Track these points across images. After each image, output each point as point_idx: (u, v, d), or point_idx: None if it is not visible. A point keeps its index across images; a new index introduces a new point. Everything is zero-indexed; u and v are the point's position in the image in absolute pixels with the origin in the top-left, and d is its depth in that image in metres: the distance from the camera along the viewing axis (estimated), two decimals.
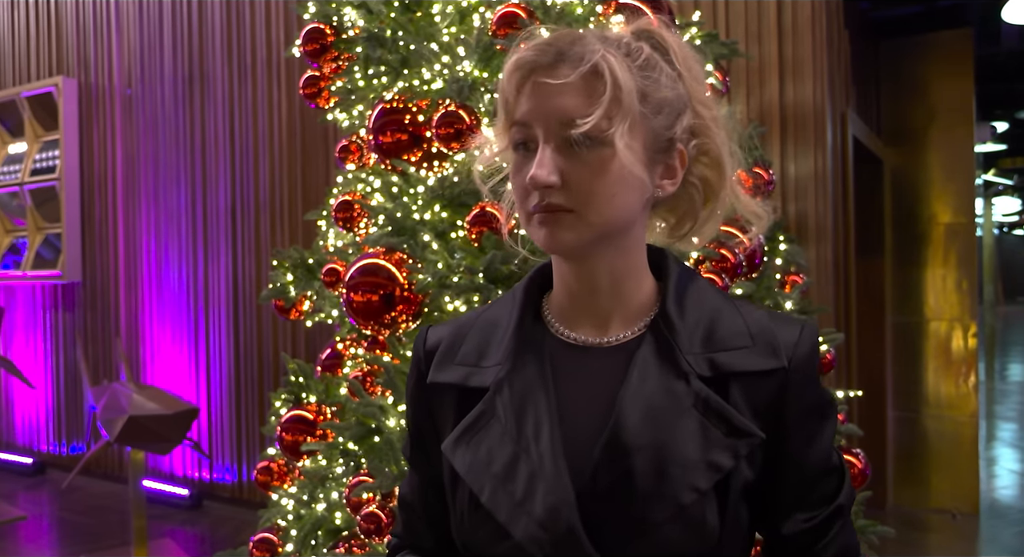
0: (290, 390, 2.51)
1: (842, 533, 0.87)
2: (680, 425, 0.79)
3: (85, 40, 5.72)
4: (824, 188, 3.48)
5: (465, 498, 0.84)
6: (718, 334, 0.83)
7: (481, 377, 0.87)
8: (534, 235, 0.82)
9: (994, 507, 4.79)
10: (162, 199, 5.26)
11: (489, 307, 0.94)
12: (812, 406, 0.85)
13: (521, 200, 0.82)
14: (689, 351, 0.82)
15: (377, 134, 2.23)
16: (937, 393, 4.80)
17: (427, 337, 0.95)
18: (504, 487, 0.81)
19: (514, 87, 0.81)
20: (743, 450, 0.79)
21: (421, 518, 0.97)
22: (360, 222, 2.42)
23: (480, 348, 0.89)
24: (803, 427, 0.84)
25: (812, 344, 0.85)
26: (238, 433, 4.91)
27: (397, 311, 2.05)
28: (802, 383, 0.83)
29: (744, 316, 0.85)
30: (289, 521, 2.35)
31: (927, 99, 4.75)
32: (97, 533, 4.48)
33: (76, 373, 5.69)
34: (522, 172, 0.81)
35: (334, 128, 4.02)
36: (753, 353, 0.82)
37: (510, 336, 0.87)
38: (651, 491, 0.78)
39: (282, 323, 4.71)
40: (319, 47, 2.51)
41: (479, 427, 0.85)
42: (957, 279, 4.76)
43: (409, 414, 0.97)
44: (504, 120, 0.83)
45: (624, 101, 0.77)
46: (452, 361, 0.90)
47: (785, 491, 0.84)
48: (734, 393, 0.81)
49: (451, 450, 0.86)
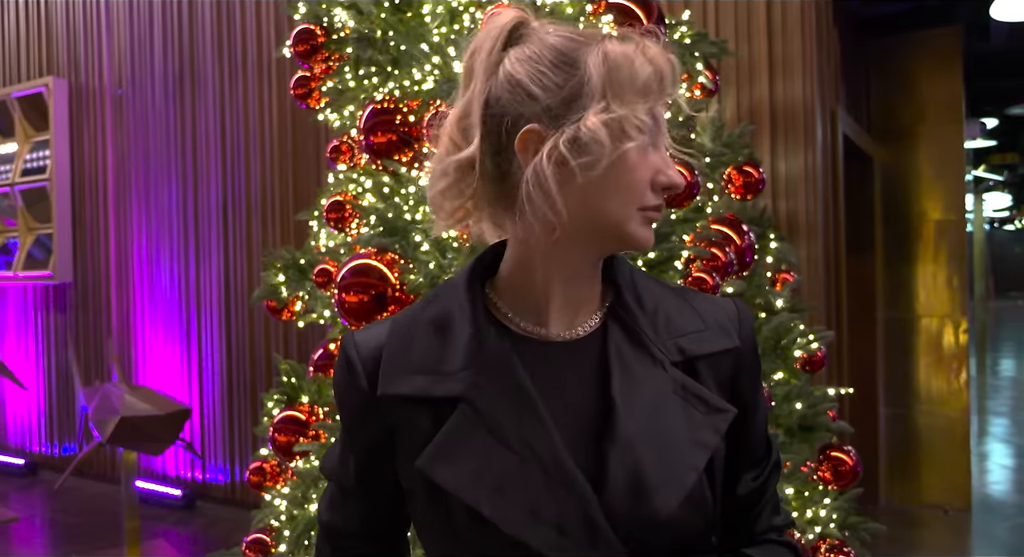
0: (283, 391, 2.51)
1: (775, 488, 0.94)
2: (668, 412, 0.81)
3: (75, 40, 5.70)
4: (814, 186, 3.49)
5: (459, 516, 0.78)
6: (675, 320, 0.86)
7: (447, 385, 0.80)
8: (638, 233, 0.81)
9: (986, 502, 4.81)
10: (153, 199, 5.25)
11: (426, 305, 0.87)
12: (758, 376, 0.92)
13: (638, 195, 0.80)
14: (656, 338, 0.84)
15: (368, 134, 2.23)
16: (928, 389, 4.82)
17: (357, 343, 0.87)
18: (509, 498, 0.77)
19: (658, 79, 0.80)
20: (722, 426, 0.83)
21: (363, 544, 0.92)
22: (351, 222, 2.42)
23: (435, 352, 0.82)
24: (754, 396, 0.90)
25: (750, 320, 0.91)
26: (230, 433, 4.91)
27: (389, 311, 2.05)
28: (751, 356, 0.90)
29: (689, 300, 0.89)
30: (282, 522, 2.36)
31: (917, 96, 4.77)
32: (90, 534, 4.47)
33: (68, 374, 5.67)
34: (646, 164, 0.80)
35: (325, 128, 4.01)
36: (709, 335, 0.86)
37: (468, 337, 0.82)
38: (660, 479, 0.78)
39: (274, 323, 4.70)
40: (310, 48, 2.51)
41: (461, 439, 0.79)
42: (948, 275, 4.79)
43: (353, 434, 0.88)
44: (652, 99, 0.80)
45: None
46: (405, 370, 0.82)
47: (741, 456, 0.89)
48: (703, 373, 0.85)
49: (429, 467, 0.79)
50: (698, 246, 2.20)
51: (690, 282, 2.12)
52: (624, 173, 0.79)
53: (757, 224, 2.77)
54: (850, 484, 2.48)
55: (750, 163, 2.70)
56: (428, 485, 0.80)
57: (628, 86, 0.78)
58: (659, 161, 0.81)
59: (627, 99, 0.78)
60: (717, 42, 2.62)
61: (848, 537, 2.44)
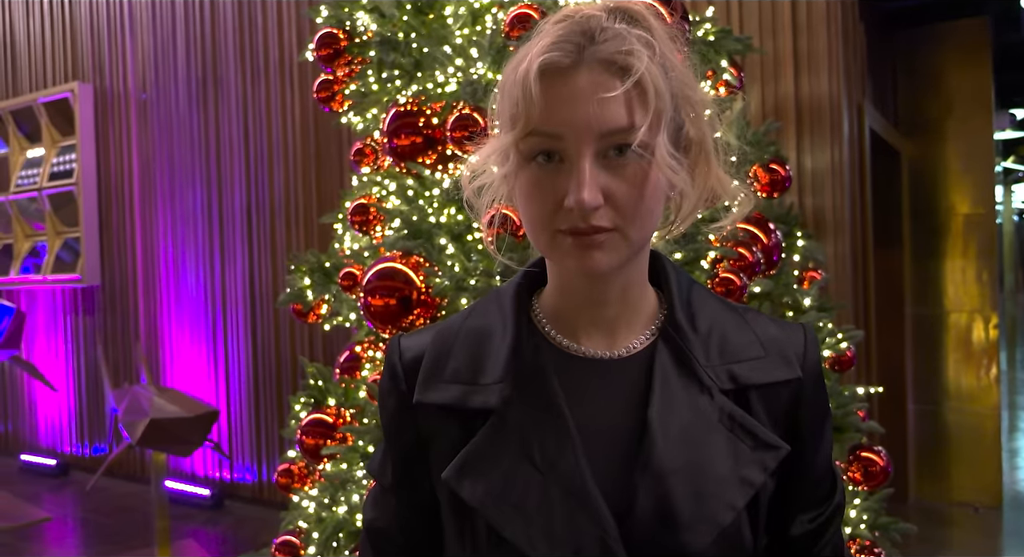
0: (309, 393, 2.52)
1: (837, 531, 0.87)
2: (710, 442, 0.76)
3: (100, 45, 5.76)
4: (841, 181, 3.45)
5: (482, 532, 0.77)
6: (731, 344, 0.80)
7: (482, 397, 0.78)
8: (563, 259, 0.75)
9: (1017, 499, 4.74)
10: (178, 202, 5.30)
11: (471, 314, 0.85)
12: (822, 411, 0.84)
13: (546, 220, 0.73)
14: (707, 363, 0.78)
15: (391, 137, 2.24)
16: (958, 386, 4.76)
17: (402, 349, 0.85)
18: (529, 519, 0.74)
19: (539, 92, 0.71)
20: (771, 464, 0.77)
21: (400, 548, 0.89)
22: (376, 225, 2.43)
23: (473, 362, 0.80)
24: (815, 433, 0.83)
25: (817, 349, 0.84)
26: (257, 434, 4.95)
27: (415, 314, 2.05)
28: (814, 390, 0.82)
29: (749, 323, 0.82)
30: (311, 523, 2.37)
31: (944, 89, 4.70)
32: (121, 534, 4.53)
33: (97, 375, 5.75)
34: (546, 188, 0.73)
35: (348, 131, 4.03)
36: (768, 363, 0.80)
37: (508, 349, 0.80)
38: (692, 514, 0.74)
39: (299, 325, 4.73)
40: (332, 52, 2.52)
41: (488, 453, 0.77)
42: (977, 270, 4.72)
43: (391, 438, 0.87)
44: (520, 127, 0.72)
45: (662, 108, 0.72)
46: (441, 378, 0.81)
47: (797, 495, 0.83)
48: (754, 405, 0.79)
49: (456, 480, 0.77)
50: (725, 246, 2.18)
51: (717, 282, 2.10)
52: (521, 201, 0.76)
53: (784, 222, 2.74)
54: (881, 485, 2.45)
55: (776, 161, 2.68)
56: (454, 497, 0.78)
57: (501, 112, 0.77)
58: (565, 181, 0.71)
59: (504, 125, 0.76)
60: (741, 39, 2.60)
61: (878, 538, 2.41)
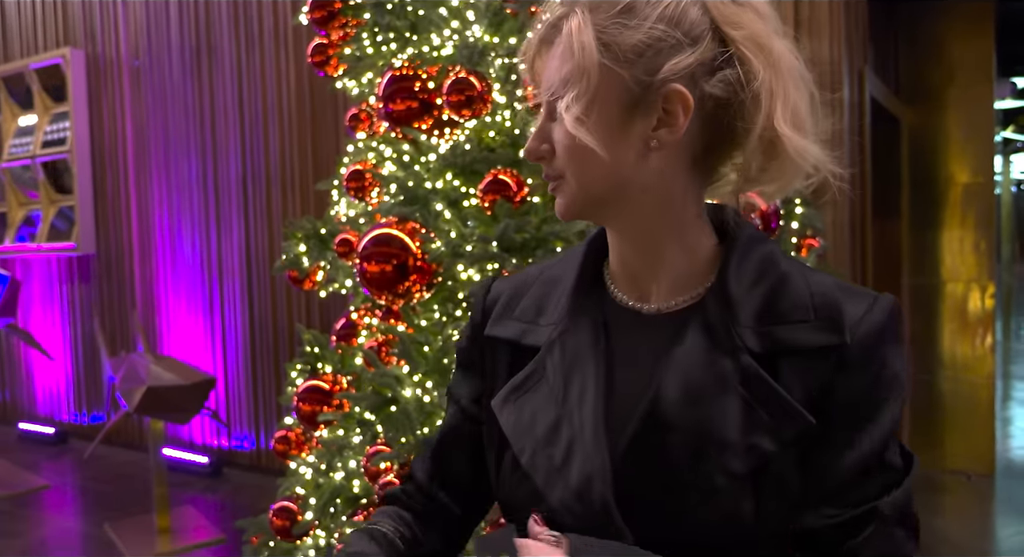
0: (306, 360, 2.52)
1: (882, 540, 0.74)
2: (722, 404, 0.74)
3: (92, 11, 5.67)
4: (840, 149, 3.43)
5: (508, 458, 0.83)
6: (779, 306, 0.75)
7: (536, 335, 0.85)
8: None
9: (1009, 467, 4.78)
10: (173, 170, 5.26)
11: (554, 263, 0.91)
12: (869, 389, 0.74)
13: None
14: (745, 324, 0.75)
15: (387, 102, 2.21)
16: (953, 355, 4.78)
17: (490, 288, 0.94)
18: (544, 451, 0.79)
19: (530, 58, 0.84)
20: (788, 435, 0.72)
21: (429, 449, 0.97)
22: (372, 191, 2.41)
23: (539, 304, 0.87)
24: (853, 412, 0.74)
25: (881, 321, 0.75)
26: (255, 402, 4.96)
27: (411, 281, 2.04)
28: (861, 363, 0.73)
29: (811, 286, 0.76)
30: (308, 489, 2.38)
31: (946, 57, 4.65)
32: (120, 501, 4.55)
33: (94, 344, 5.75)
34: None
35: (344, 96, 3.98)
36: (811, 328, 0.74)
37: (568, 295, 0.85)
38: (684, 471, 0.73)
39: (296, 292, 4.72)
40: (327, 14, 2.48)
41: (527, 387, 0.83)
42: (975, 240, 4.71)
43: (462, 351, 0.96)
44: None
45: (582, 63, 0.75)
46: (510, 316, 0.89)
47: (821, 480, 0.74)
48: (785, 372, 0.74)
49: (499, 408, 0.85)
50: None
51: None
52: None
53: None
54: None
55: None
56: (496, 426, 0.85)
57: None
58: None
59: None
60: None
61: None
